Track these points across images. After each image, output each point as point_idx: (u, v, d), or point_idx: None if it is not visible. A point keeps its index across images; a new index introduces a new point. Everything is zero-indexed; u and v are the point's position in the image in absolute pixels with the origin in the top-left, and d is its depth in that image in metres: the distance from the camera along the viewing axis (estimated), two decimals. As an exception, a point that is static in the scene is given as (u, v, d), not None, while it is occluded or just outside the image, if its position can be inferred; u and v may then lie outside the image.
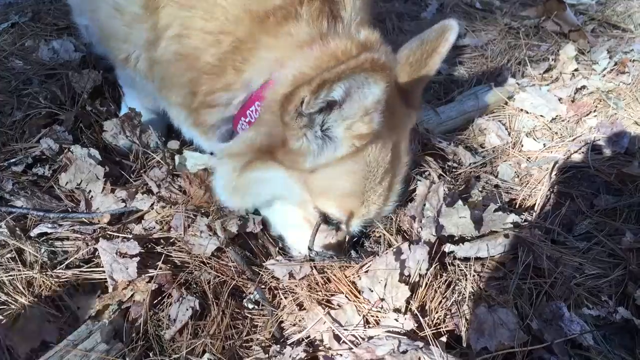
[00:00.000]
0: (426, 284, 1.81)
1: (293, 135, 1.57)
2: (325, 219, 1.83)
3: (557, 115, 2.94)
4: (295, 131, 1.56)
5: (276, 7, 1.63)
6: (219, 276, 1.86)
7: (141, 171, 2.26)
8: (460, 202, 2.00)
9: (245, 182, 1.78)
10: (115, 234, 1.93)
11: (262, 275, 1.89)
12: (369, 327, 1.70)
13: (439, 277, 1.86)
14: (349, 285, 1.81)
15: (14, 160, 2.17)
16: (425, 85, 1.93)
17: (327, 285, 1.84)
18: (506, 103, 3.02)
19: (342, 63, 1.34)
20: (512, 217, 2.00)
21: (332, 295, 1.81)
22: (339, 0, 1.73)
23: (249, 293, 1.85)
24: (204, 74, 1.75)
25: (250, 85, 1.72)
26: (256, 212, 2.08)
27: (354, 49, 1.60)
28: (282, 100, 1.49)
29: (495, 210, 2.01)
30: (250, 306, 1.83)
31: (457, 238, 1.98)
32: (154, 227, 2.00)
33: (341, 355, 1.62)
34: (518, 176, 2.52)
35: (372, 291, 1.77)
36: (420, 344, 1.58)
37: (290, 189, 1.77)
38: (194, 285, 1.84)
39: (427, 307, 1.80)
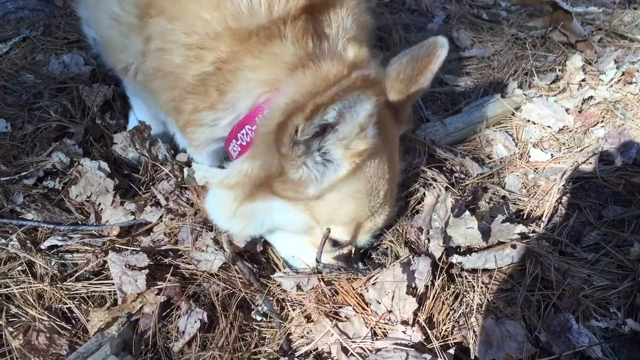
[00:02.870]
0: (434, 295, 1.81)
1: (292, 165, 1.55)
2: (335, 242, 1.84)
3: (564, 126, 2.93)
4: (293, 161, 1.54)
5: (259, 26, 1.59)
6: (227, 288, 1.86)
7: (150, 184, 2.27)
8: (467, 212, 2.00)
9: (247, 213, 1.76)
10: (125, 246, 1.94)
11: (270, 287, 1.90)
12: (376, 339, 1.70)
13: (446, 289, 1.86)
14: (356, 298, 1.82)
15: (25, 173, 2.19)
16: (422, 96, 1.93)
17: (334, 297, 1.84)
18: (513, 114, 3.02)
19: (333, 85, 1.32)
20: (520, 228, 1.99)
21: (339, 307, 1.81)
22: (324, 18, 1.70)
23: (257, 305, 1.86)
24: (187, 93, 1.72)
25: (237, 106, 1.68)
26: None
27: (346, 71, 1.55)
28: (276, 131, 1.46)
29: (503, 222, 2.00)
30: (259, 318, 1.83)
31: (464, 249, 1.98)
32: (163, 240, 2.01)
33: (349, 367, 1.62)
34: (525, 187, 2.51)
35: (379, 303, 1.77)
36: (428, 357, 1.58)
37: (295, 219, 1.77)
38: (202, 297, 1.84)
39: (434, 319, 1.79)
